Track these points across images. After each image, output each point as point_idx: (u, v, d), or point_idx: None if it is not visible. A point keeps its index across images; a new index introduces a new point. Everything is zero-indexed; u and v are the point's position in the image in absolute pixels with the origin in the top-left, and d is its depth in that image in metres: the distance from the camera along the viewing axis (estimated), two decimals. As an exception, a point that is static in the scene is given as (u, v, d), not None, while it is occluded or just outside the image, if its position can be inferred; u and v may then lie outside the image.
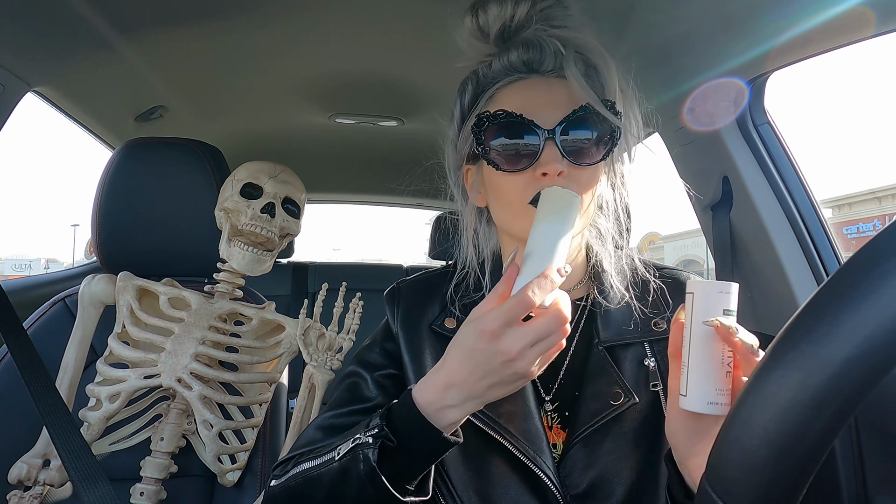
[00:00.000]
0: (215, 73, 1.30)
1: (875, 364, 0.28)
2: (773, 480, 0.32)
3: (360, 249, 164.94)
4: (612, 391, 0.63)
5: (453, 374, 0.52)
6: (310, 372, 0.97)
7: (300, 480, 0.59)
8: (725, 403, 0.48)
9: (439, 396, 0.53)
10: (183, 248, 1.06)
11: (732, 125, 1.11)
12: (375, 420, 0.55)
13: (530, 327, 0.50)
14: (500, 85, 0.66)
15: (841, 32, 0.81)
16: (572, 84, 0.61)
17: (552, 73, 0.64)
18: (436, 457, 0.55)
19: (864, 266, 0.30)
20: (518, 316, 0.49)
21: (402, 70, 1.29)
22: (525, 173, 0.62)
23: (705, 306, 0.49)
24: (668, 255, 26.01)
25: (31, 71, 1.03)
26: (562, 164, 0.60)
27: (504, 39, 0.66)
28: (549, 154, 0.60)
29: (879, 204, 18.70)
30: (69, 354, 0.95)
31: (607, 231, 0.70)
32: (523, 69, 0.65)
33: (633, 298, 0.68)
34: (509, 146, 0.62)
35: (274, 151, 1.95)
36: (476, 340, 0.50)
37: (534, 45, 0.64)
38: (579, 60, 0.63)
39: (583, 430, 0.63)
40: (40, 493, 0.86)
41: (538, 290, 0.49)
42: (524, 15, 0.64)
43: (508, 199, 0.64)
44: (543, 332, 0.50)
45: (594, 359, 0.66)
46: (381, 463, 0.53)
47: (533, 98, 0.63)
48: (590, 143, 0.62)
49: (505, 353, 0.49)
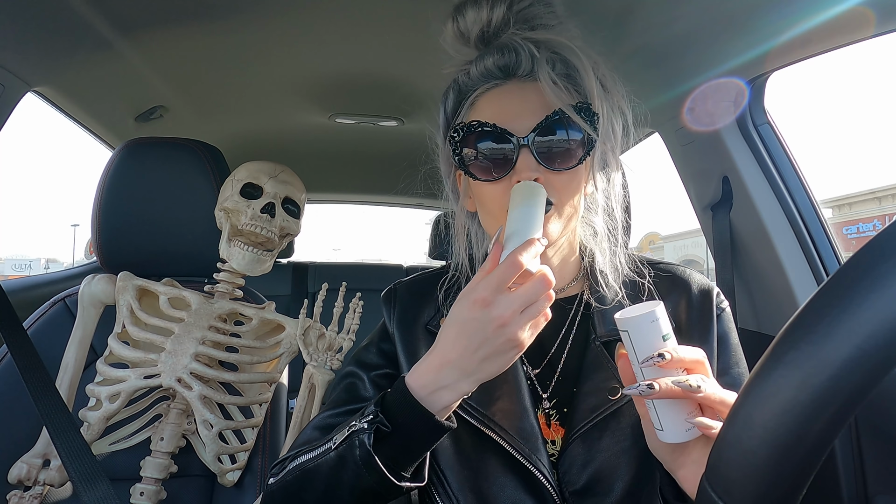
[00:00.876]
0: (215, 73, 1.30)
1: (875, 364, 0.28)
2: (773, 480, 0.32)
3: (360, 249, 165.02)
4: (609, 386, 0.64)
5: (447, 351, 0.53)
6: (310, 372, 0.97)
7: (297, 473, 0.60)
8: None
9: (433, 378, 0.53)
10: (183, 248, 1.06)
11: (732, 125, 1.11)
12: (370, 407, 0.55)
13: (519, 291, 0.51)
14: (478, 92, 0.66)
15: (841, 32, 0.81)
16: (544, 89, 0.61)
17: (528, 77, 0.64)
18: (431, 442, 0.55)
19: (864, 266, 0.30)
20: (507, 280, 0.51)
21: (402, 70, 1.29)
22: (503, 181, 0.62)
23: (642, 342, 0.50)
24: (668, 255, 26.00)
25: (31, 71, 1.03)
26: (537, 171, 0.60)
27: (485, 43, 0.66)
28: (524, 161, 0.61)
29: (879, 204, 18.70)
30: (69, 354, 0.95)
31: (601, 229, 0.70)
32: (500, 74, 0.65)
33: (626, 297, 0.67)
34: (485, 156, 0.62)
35: (274, 151, 1.95)
36: (469, 310, 0.51)
37: (508, 50, 0.63)
38: (557, 61, 0.63)
39: (581, 427, 0.63)
40: (40, 493, 0.86)
41: (525, 254, 0.51)
42: (501, 18, 0.64)
43: (489, 207, 0.65)
44: (532, 295, 0.51)
45: (591, 354, 0.66)
46: (377, 448, 0.53)
47: (507, 105, 0.63)
48: (565, 148, 0.61)
49: (497, 319, 0.50)
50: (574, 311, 0.70)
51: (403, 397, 0.54)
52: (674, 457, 0.52)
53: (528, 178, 0.60)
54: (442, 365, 0.53)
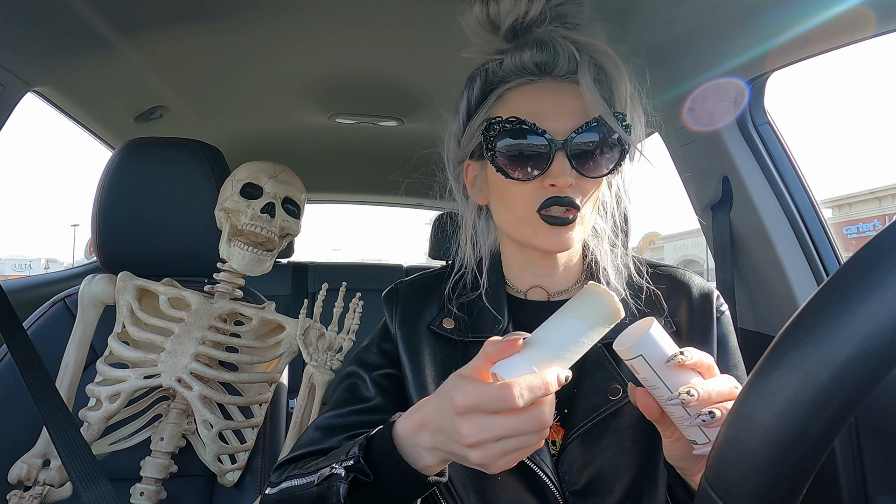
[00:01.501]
0: (215, 73, 1.30)
1: (875, 364, 0.28)
2: (773, 480, 0.32)
3: (360, 249, 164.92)
4: (610, 386, 0.63)
5: (426, 417, 0.48)
6: (310, 372, 0.97)
7: (286, 497, 0.58)
8: None
9: (414, 433, 0.49)
10: (183, 248, 1.06)
11: (732, 125, 1.11)
12: (354, 450, 0.52)
13: (498, 422, 0.43)
14: (510, 85, 0.64)
15: (841, 32, 0.81)
16: (585, 93, 0.60)
17: (564, 77, 0.63)
18: (416, 496, 0.51)
19: (864, 266, 0.30)
20: (490, 408, 0.43)
21: (402, 70, 1.29)
22: (533, 182, 0.61)
23: (656, 358, 0.47)
24: (668, 255, 26.01)
25: (31, 71, 1.03)
26: (570, 176, 0.59)
27: (515, 35, 0.64)
28: (558, 165, 0.59)
29: (879, 204, 18.71)
30: (69, 354, 0.95)
31: (603, 230, 0.70)
32: (535, 71, 0.63)
33: (629, 297, 0.67)
34: (519, 154, 0.60)
35: (274, 151, 1.95)
36: (446, 403, 0.45)
37: (548, 47, 0.62)
38: (592, 66, 0.62)
39: (580, 427, 0.62)
40: (40, 493, 0.86)
41: (526, 393, 0.43)
42: (538, 12, 0.62)
43: (514, 206, 0.63)
44: (513, 431, 0.43)
45: (591, 355, 0.65)
46: (356, 495, 0.51)
47: (544, 104, 0.61)
48: (599, 155, 0.61)
49: (463, 437, 0.44)
50: None
51: (386, 447, 0.50)
52: (695, 464, 0.52)
53: (561, 183, 0.58)
54: (421, 426, 0.49)
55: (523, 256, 0.69)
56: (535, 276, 0.70)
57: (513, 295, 0.71)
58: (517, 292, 0.71)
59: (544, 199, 0.60)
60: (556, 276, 0.69)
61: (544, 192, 0.60)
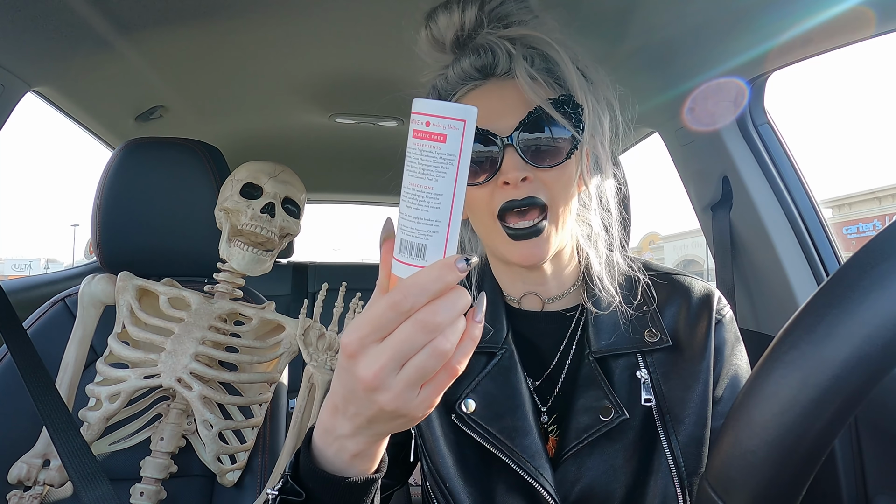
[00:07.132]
0: (215, 73, 1.30)
1: (875, 364, 0.28)
2: (773, 480, 0.32)
3: (360, 249, 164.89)
4: (602, 406, 0.62)
5: (335, 396, 0.40)
6: (310, 372, 0.97)
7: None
8: None
9: (332, 424, 0.41)
10: (183, 248, 1.06)
11: (732, 125, 1.11)
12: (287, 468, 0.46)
13: (388, 341, 0.35)
14: (458, 95, 0.64)
15: (841, 32, 0.81)
16: (521, 85, 0.59)
17: (507, 75, 0.62)
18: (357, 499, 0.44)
19: (864, 266, 0.30)
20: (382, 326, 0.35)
21: (403, 70, 1.29)
22: (489, 184, 0.60)
23: None
24: (668, 255, 26.00)
25: (31, 71, 1.03)
26: (524, 170, 0.58)
27: (460, 47, 0.65)
28: (509, 161, 0.59)
29: (879, 204, 18.71)
30: (69, 354, 0.95)
31: (596, 227, 0.68)
32: (478, 75, 0.63)
33: (622, 303, 0.66)
34: (475, 160, 0.59)
35: (274, 151, 1.95)
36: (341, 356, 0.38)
37: (484, 50, 0.62)
38: (535, 57, 0.61)
39: (572, 447, 0.61)
40: (40, 493, 0.86)
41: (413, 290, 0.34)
42: (473, 19, 0.62)
43: (478, 214, 0.63)
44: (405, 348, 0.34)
45: (585, 370, 0.65)
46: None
47: (488, 105, 0.61)
48: (551, 144, 0.60)
49: (362, 381, 0.36)
50: (575, 322, 0.69)
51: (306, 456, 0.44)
52: None
53: (515, 178, 0.58)
54: (334, 411, 0.41)
55: (509, 267, 0.69)
56: (526, 285, 0.69)
57: (507, 304, 0.71)
58: (511, 301, 0.71)
59: (502, 201, 0.59)
60: (546, 284, 0.69)
61: (502, 194, 0.59)
